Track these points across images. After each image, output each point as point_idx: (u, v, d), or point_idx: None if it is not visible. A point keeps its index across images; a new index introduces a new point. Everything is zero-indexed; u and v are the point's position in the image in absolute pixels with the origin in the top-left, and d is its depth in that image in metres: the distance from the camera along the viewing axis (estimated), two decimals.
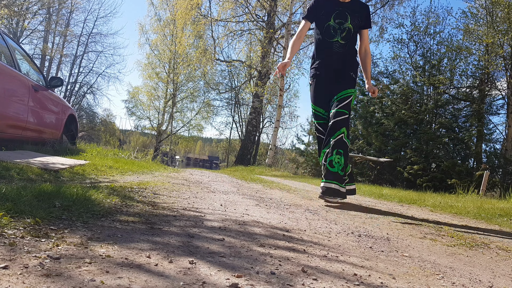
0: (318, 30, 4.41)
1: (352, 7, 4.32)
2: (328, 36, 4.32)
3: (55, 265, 1.25)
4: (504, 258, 2.35)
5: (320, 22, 4.37)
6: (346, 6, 4.30)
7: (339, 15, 4.28)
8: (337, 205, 4.18)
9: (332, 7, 4.30)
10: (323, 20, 4.33)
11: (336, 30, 4.29)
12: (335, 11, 4.29)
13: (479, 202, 6.00)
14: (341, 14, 4.28)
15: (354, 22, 4.30)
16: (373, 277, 1.58)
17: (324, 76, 4.43)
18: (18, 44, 6.19)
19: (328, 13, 4.30)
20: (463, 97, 15.87)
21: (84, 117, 34.64)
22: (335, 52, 4.33)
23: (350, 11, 4.29)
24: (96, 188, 2.74)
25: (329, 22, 4.30)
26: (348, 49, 4.38)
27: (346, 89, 4.31)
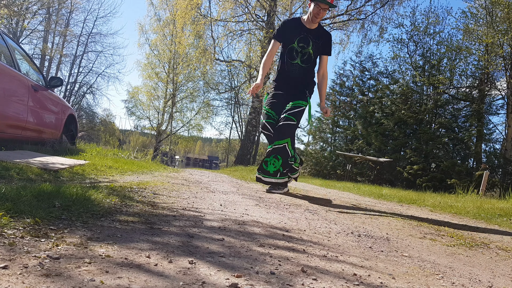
0: (283, 50, 4.85)
1: (316, 34, 4.76)
2: (290, 57, 4.77)
3: (55, 265, 1.25)
4: (504, 258, 2.35)
5: (285, 43, 4.80)
6: (311, 32, 4.73)
7: (302, 39, 4.72)
8: (336, 204, 4.18)
9: (298, 32, 4.73)
10: (288, 42, 4.76)
11: (298, 53, 4.74)
12: (300, 36, 4.72)
13: (479, 202, 6.00)
14: (305, 39, 4.71)
15: (315, 48, 4.76)
16: (373, 277, 1.58)
17: (283, 93, 4.86)
18: (17, 44, 6.19)
19: (293, 37, 4.73)
20: (462, 97, 15.87)
21: (83, 117, 34.61)
22: (295, 73, 4.80)
23: (313, 37, 4.73)
24: (96, 188, 2.74)
25: (292, 45, 4.73)
26: (307, 71, 4.84)
27: (299, 100, 4.75)
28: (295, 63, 4.76)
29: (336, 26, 20.24)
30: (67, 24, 31.93)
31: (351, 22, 20.22)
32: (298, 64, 4.76)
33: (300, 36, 4.71)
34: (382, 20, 19.92)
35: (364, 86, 19.81)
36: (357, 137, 17.99)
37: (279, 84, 4.93)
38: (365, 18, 20.16)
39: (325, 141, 20.56)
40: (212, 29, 21.71)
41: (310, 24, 4.73)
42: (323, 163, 18.26)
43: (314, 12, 4.58)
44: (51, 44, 31.58)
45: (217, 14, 21.36)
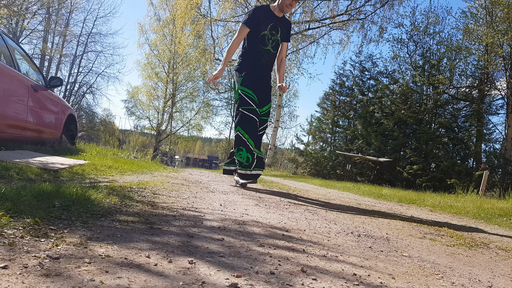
0: (253, 36, 4.94)
1: (283, 21, 5.00)
2: (262, 44, 4.92)
3: (55, 265, 1.25)
4: (504, 258, 2.35)
5: (257, 30, 4.91)
6: (279, 20, 4.96)
7: (273, 27, 4.92)
8: (336, 204, 4.18)
9: (270, 20, 4.91)
10: (260, 29, 4.89)
11: (269, 40, 4.93)
12: (271, 23, 4.91)
13: (479, 202, 6.00)
14: (275, 26, 4.93)
15: (282, 36, 5.02)
16: (373, 277, 1.58)
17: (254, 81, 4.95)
18: (17, 44, 6.19)
19: (265, 24, 4.90)
20: (462, 97, 15.88)
21: (83, 117, 34.61)
22: (264, 59, 4.97)
23: (281, 25, 4.97)
24: (96, 188, 2.74)
25: (265, 32, 4.89)
26: (274, 57, 5.09)
27: (270, 102, 5.12)
28: (267, 49, 4.94)
29: (336, 26, 20.24)
30: (67, 24, 31.95)
31: (351, 22, 20.22)
32: (269, 50, 4.96)
33: (271, 24, 4.90)
34: (382, 20, 19.93)
35: (364, 86, 19.83)
36: (357, 137, 18.00)
37: (248, 69, 4.97)
38: (365, 18, 20.17)
39: (325, 141, 20.58)
40: (212, 29, 21.75)
41: (279, 13, 4.93)
42: (323, 163, 18.28)
43: (287, 2, 4.79)
44: (51, 44, 31.61)
45: (216, 14, 21.39)
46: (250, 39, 4.95)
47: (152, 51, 33.86)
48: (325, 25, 20.36)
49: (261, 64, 4.98)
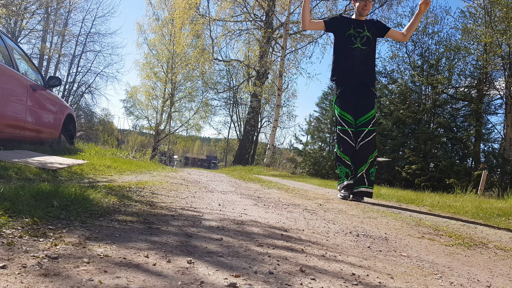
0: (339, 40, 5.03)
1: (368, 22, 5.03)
2: (349, 43, 4.91)
3: (53, 265, 1.25)
4: (502, 258, 2.35)
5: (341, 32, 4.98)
6: (364, 21, 5.00)
7: (357, 26, 4.95)
8: (334, 204, 4.19)
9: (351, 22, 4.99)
10: (344, 31, 4.94)
11: (356, 37, 4.91)
12: (354, 23, 4.97)
13: (477, 201, 6.00)
14: (360, 25, 4.95)
15: (372, 32, 4.95)
16: (371, 277, 1.58)
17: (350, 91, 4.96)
18: (16, 44, 6.18)
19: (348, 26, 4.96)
20: (461, 97, 15.89)
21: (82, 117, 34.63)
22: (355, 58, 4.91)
23: (367, 25, 4.97)
24: (94, 188, 2.74)
25: (349, 31, 4.92)
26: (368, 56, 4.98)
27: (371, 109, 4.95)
28: (356, 47, 4.90)
29: None
30: (66, 23, 31.96)
31: None
32: (358, 47, 4.90)
33: (354, 24, 4.95)
34: (381, 19, 19.93)
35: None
36: None
37: (342, 80, 5.00)
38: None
39: (323, 141, 20.59)
40: (211, 29, 21.77)
41: (359, 18, 5.00)
42: (321, 162, 18.27)
43: (361, 6, 4.91)
44: (50, 43, 31.64)
45: (215, 13, 21.40)
46: (336, 44, 5.05)
47: (150, 51, 33.85)
48: None
49: (354, 67, 4.93)
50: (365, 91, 4.97)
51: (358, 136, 4.95)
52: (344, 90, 4.97)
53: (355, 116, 4.97)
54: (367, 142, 4.91)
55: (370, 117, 4.95)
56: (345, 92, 4.96)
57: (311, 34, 20.84)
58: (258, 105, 21.91)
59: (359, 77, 4.94)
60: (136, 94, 35.49)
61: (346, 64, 4.95)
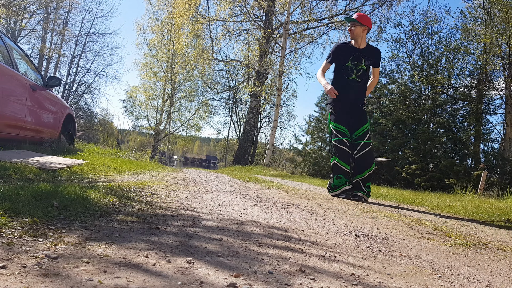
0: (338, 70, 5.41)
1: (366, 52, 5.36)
2: (346, 74, 5.31)
3: (53, 265, 1.25)
4: (502, 258, 2.35)
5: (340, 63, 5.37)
6: (361, 51, 5.33)
7: (355, 58, 5.31)
8: (334, 204, 4.19)
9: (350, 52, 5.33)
10: (343, 62, 5.33)
11: (353, 70, 5.31)
12: (352, 55, 5.31)
13: (477, 201, 6.00)
14: (357, 58, 5.31)
15: (367, 64, 5.34)
16: (371, 277, 1.58)
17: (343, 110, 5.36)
18: (16, 44, 6.18)
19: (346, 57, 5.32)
20: (461, 97, 15.89)
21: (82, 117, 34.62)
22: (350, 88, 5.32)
23: (364, 55, 5.32)
24: (94, 188, 2.74)
25: (347, 64, 5.30)
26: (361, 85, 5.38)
27: (366, 123, 5.33)
28: (352, 79, 5.31)
29: (334, 26, 20.24)
30: (65, 23, 31.93)
31: None
32: (354, 79, 5.31)
33: (352, 56, 5.30)
34: (381, 19, 19.96)
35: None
36: None
37: (336, 103, 5.37)
38: None
39: (323, 141, 20.58)
40: (210, 29, 21.77)
41: (357, 44, 5.35)
42: (321, 162, 18.28)
43: (348, 30, 5.37)
44: (49, 43, 31.61)
45: (215, 13, 21.39)
46: (335, 73, 5.44)
47: (150, 51, 33.82)
48: (323, 25, 20.37)
49: (347, 94, 5.31)
50: (356, 109, 5.36)
51: (354, 149, 5.31)
52: (337, 107, 5.36)
53: (350, 129, 5.36)
54: (363, 154, 5.25)
55: (365, 130, 5.31)
56: (339, 109, 5.36)
57: (310, 34, 20.85)
58: (257, 105, 21.90)
59: (352, 101, 5.36)
60: (135, 94, 35.47)
61: (341, 92, 5.31)
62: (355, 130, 5.33)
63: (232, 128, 40.26)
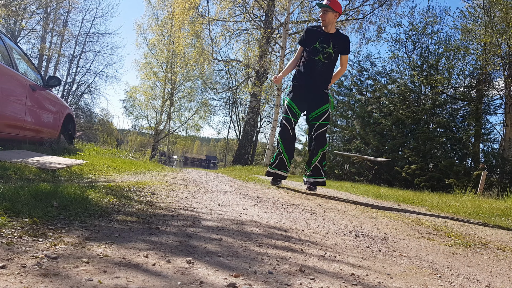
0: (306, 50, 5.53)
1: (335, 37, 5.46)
2: (313, 54, 5.42)
3: (53, 265, 1.25)
4: (502, 258, 2.36)
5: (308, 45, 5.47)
6: (331, 36, 5.44)
7: (323, 41, 5.40)
8: (334, 204, 4.19)
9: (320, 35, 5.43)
10: (311, 44, 5.43)
11: (320, 51, 5.41)
12: (320, 38, 5.41)
13: (477, 201, 6.00)
14: (325, 40, 5.40)
15: (335, 49, 5.43)
16: (371, 277, 1.58)
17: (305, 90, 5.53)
18: (15, 44, 6.17)
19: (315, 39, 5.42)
20: (461, 97, 15.89)
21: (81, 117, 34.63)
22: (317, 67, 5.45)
23: (333, 40, 5.42)
24: (94, 188, 2.74)
25: (315, 45, 5.40)
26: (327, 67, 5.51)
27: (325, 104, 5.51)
28: (318, 59, 5.40)
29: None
30: (65, 23, 31.94)
31: (349, 22, 20.24)
32: (320, 59, 5.40)
33: (320, 38, 5.40)
34: (380, 20, 19.96)
35: (362, 86, 19.83)
36: (355, 136, 18.00)
37: (299, 81, 5.54)
38: (363, 18, 20.19)
39: None
40: (210, 29, 21.75)
41: (327, 30, 5.44)
42: None
43: (320, 16, 5.41)
44: (49, 43, 31.62)
45: (215, 13, 21.39)
46: (304, 53, 5.55)
47: (150, 51, 33.85)
48: None
49: (312, 73, 5.46)
50: (317, 91, 5.51)
51: (311, 129, 5.61)
52: (299, 86, 5.53)
53: (305, 111, 5.62)
54: (318, 135, 5.56)
55: (323, 111, 5.51)
56: (299, 88, 5.53)
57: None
58: (257, 105, 21.89)
59: (315, 83, 5.50)
60: (135, 94, 35.50)
61: (306, 71, 5.48)
62: (313, 110, 5.53)
63: (232, 128, 40.22)
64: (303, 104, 5.55)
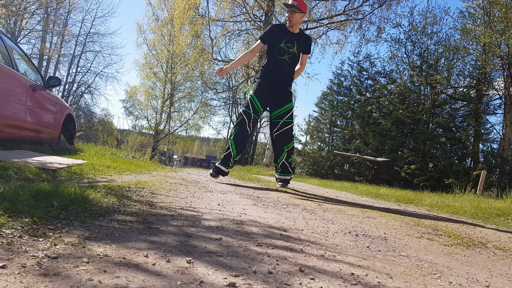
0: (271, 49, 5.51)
1: (300, 37, 5.52)
2: (279, 54, 5.45)
3: (53, 265, 1.25)
4: (501, 258, 2.36)
5: (273, 44, 5.46)
6: (295, 35, 5.49)
7: (288, 41, 5.44)
8: (333, 204, 4.19)
9: (285, 35, 5.46)
10: (276, 43, 5.43)
11: (285, 51, 5.45)
12: (286, 37, 5.44)
13: (476, 201, 6.01)
14: (290, 40, 5.45)
15: (299, 49, 5.51)
16: (370, 277, 1.58)
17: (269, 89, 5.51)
18: (16, 44, 6.18)
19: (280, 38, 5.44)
20: (460, 97, 15.89)
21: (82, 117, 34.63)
22: (282, 68, 5.49)
23: (297, 40, 5.48)
24: (94, 188, 2.74)
25: (280, 45, 5.42)
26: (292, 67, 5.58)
27: (289, 102, 5.58)
28: (283, 59, 5.44)
29: (334, 26, 20.24)
30: (65, 24, 31.94)
31: (348, 22, 20.23)
32: (285, 60, 5.45)
33: (286, 38, 5.44)
34: (380, 20, 19.94)
35: (362, 86, 19.85)
36: (354, 136, 18.01)
37: (265, 78, 5.53)
38: (362, 18, 20.19)
39: (322, 141, 20.59)
40: (210, 29, 21.72)
41: (292, 29, 5.49)
42: (320, 162, 18.29)
43: (287, 17, 5.44)
44: (49, 44, 31.61)
45: (215, 14, 21.38)
46: (269, 52, 5.53)
47: (150, 51, 33.88)
48: (323, 25, 20.36)
49: (278, 72, 5.49)
50: (281, 89, 5.55)
51: (274, 127, 5.57)
52: (264, 84, 5.51)
53: (271, 109, 5.61)
54: (281, 133, 5.53)
55: (286, 110, 5.53)
56: (265, 86, 5.51)
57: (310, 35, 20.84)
58: None
59: (280, 81, 5.53)
60: (135, 94, 35.53)
61: (272, 70, 5.49)
62: (276, 109, 5.55)
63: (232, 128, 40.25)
64: (267, 101, 5.58)
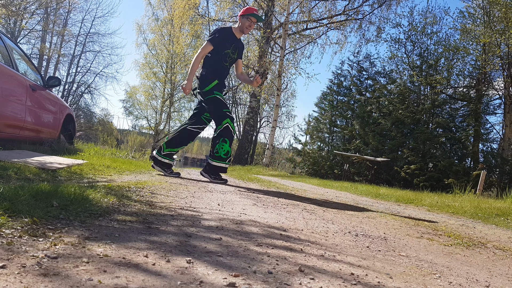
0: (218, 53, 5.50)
1: (239, 43, 5.66)
2: (225, 61, 5.54)
3: (53, 265, 1.25)
4: (501, 258, 2.36)
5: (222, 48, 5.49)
6: (236, 41, 5.60)
7: (234, 47, 5.57)
8: (333, 204, 4.19)
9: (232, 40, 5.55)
10: (224, 48, 5.48)
11: (229, 58, 5.56)
12: (232, 43, 5.54)
13: (476, 201, 6.01)
14: (235, 47, 5.57)
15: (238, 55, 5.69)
16: (370, 277, 1.58)
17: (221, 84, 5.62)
18: (15, 44, 6.18)
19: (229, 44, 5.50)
20: (460, 97, 15.89)
21: (81, 117, 34.65)
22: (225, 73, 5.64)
23: (238, 46, 5.64)
24: (94, 188, 2.74)
25: (228, 50, 5.50)
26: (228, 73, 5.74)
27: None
28: (226, 66, 5.59)
29: (334, 26, 20.26)
30: (65, 24, 31.97)
31: (348, 22, 20.26)
32: (227, 66, 5.62)
33: (233, 44, 5.55)
34: (380, 20, 19.98)
35: (362, 86, 19.85)
36: (354, 136, 18.01)
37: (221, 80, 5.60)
38: (362, 18, 20.21)
39: (322, 141, 20.59)
40: (210, 29, 21.72)
41: (238, 34, 5.60)
42: (320, 162, 18.29)
43: (247, 25, 5.50)
44: (49, 44, 31.65)
45: (214, 14, 21.40)
46: (215, 55, 5.48)
47: (150, 51, 33.91)
48: (322, 25, 20.38)
49: (224, 77, 5.65)
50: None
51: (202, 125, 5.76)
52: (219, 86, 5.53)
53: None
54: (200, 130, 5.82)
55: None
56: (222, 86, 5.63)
57: (310, 35, 20.87)
58: (257, 105, 21.90)
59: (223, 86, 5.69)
60: (135, 94, 35.57)
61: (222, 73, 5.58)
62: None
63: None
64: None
